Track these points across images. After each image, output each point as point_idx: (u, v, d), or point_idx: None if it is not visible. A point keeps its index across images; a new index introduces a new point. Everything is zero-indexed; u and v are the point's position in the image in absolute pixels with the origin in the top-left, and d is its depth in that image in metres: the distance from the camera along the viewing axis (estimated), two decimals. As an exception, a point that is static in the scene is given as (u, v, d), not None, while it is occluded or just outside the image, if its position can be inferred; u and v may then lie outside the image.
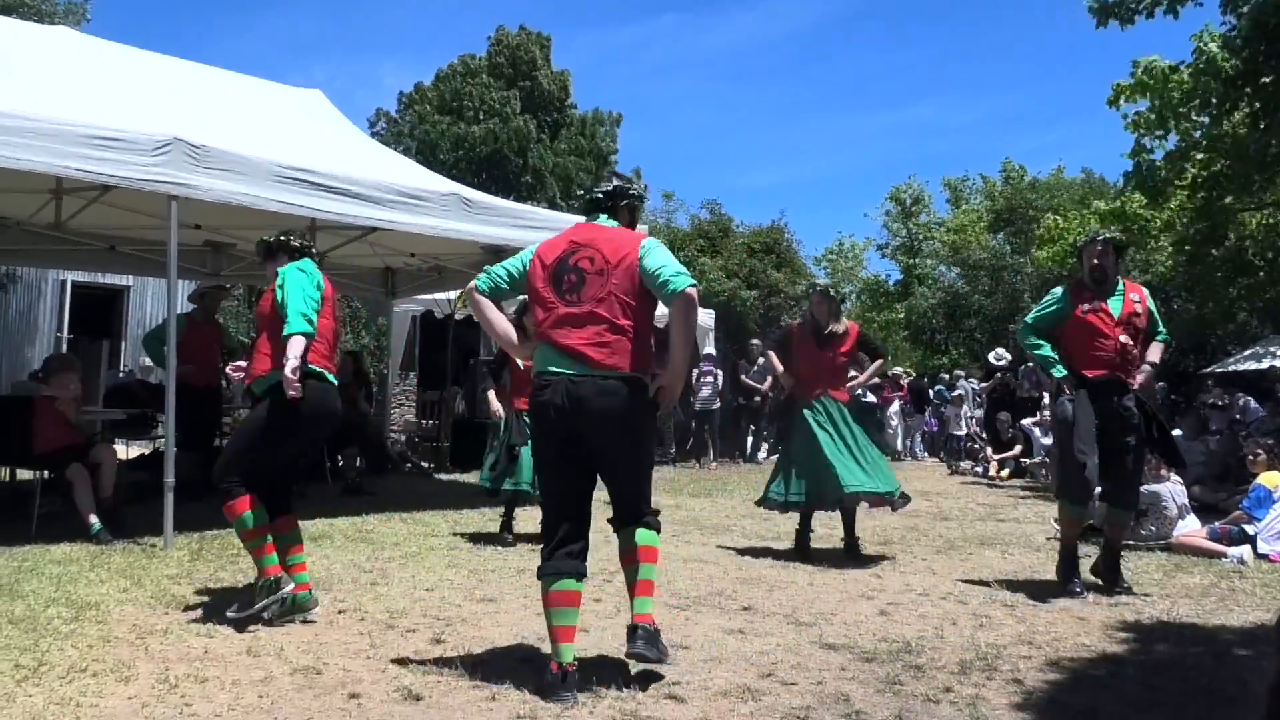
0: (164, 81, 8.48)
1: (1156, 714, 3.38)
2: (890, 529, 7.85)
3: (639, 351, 3.52)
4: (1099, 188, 26.68)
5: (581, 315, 3.51)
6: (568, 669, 3.37)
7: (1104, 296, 5.51)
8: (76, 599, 4.61)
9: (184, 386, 7.03)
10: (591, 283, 3.53)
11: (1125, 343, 5.42)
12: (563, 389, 3.48)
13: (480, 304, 3.75)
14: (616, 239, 3.62)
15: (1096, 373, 5.43)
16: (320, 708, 3.25)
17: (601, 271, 3.53)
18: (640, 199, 3.91)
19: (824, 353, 6.61)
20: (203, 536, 6.36)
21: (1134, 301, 5.53)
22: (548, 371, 3.54)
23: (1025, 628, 4.61)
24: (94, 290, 15.26)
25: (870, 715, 3.28)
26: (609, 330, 3.49)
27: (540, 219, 8.81)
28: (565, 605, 3.50)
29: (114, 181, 6.14)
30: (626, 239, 3.62)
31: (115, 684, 3.42)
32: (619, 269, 3.52)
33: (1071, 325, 5.56)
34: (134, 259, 9.91)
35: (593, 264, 3.55)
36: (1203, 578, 6.04)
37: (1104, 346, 5.43)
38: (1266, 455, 7.40)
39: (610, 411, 3.45)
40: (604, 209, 3.78)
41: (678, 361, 3.52)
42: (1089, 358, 5.46)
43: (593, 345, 3.48)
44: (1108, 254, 5.59)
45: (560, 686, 3.32)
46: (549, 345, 3.56)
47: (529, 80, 30.71)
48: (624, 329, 3.50)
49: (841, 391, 6.62)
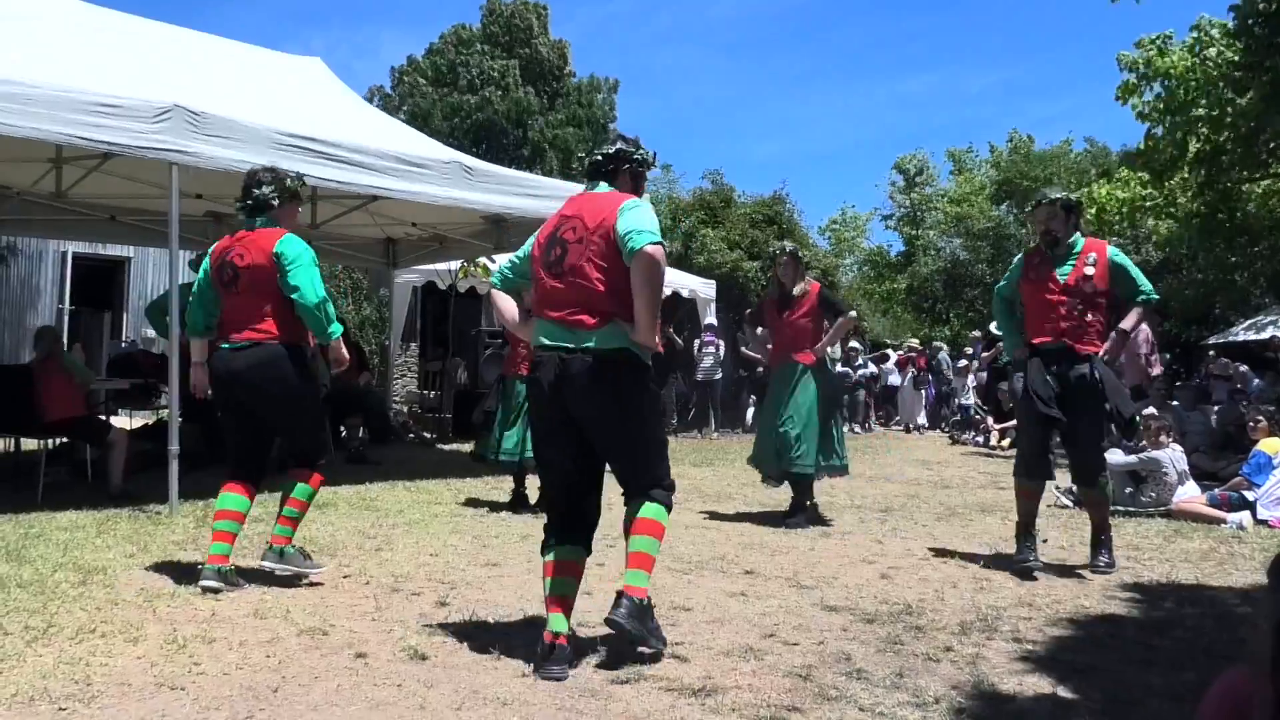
0: (163, 49, 8.43)
1: (1156, 672, 3.41)
2: (892, 496, 7.89)
3: (617, 309, 3.39)
4: (1101, 160, 26.54)
5: (563, 287, 3.46)
6: (558, 642, 3.27)
7: (1057, 262, 5.20)
8: (84, 564, 4.64)
9: (187, 356, 7.03)
10: (572, 252, 3.46)
11: (1074, 309, 5.10)
12: (554, 364, 3.43)
13: (494, 298, 3.79)
14: (600, 204, 3.51)
15: (1043, 340, 5.18)
16: (327, 667, 3.29)
17: (580, 239, 3.45)
18: (643, 163, 3.75)
19: (786, 315, 6.63)
20: (207, 504, 6.37)
21: (1087, 264, 5.13)
22: (541, 346, 3.51)
23: (1025, 590, 4.65)
24: (95, 262, 15.25)
25: (871, 674, 3.32)
26: (588, 298, 3.41)
27: (542, 187, 8.80)
28: (559, 575, 3.45)
29: (114, 149, 6.12)
30: (608, 202, 3.50)
31: (124, 644, 3.45)
32: (596, 234, 3.43)
33: (1022, 292, 5.36)
34: (134, 229, 9.90)
35: (574, 234, 3.48)
36: (1202, 542, 6.08)
37: (1049, 314, 5.17)
38: (1267, 422, 7.42)
39: (593, 383, 3.38)
40: (604, 174, 3.67)
41: (642, 324, 3.36)
42: (1036, 325, 5.24)
43: (575, 315, 3.42)
44: (1056, 217, 5.24)
45: (548, 659, 3.24)
46: (539, 320, 3.54)
47: (527, 48, 30.45)
48: (601, 295, 3.40)
49: (806, 354, 6.55)
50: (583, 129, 29.90)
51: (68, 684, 3.03)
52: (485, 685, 3.13)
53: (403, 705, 2.95)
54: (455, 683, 3.15)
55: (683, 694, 3.08)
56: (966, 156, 37.48)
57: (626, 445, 3.51)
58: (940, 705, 3.02)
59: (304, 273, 4.31)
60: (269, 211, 4.47)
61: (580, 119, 30.38)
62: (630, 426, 3.46)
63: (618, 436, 3.48)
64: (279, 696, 3.00)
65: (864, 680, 3.25)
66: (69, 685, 3.02)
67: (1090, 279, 5.10)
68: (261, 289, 4.35)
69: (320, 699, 2.98)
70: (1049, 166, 28.33)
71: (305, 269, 4.32)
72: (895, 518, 6.89)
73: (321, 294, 4.33)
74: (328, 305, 4.36)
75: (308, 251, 4.41)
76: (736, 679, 3.24)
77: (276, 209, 4.49)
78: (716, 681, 3.19)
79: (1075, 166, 27.79)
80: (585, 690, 3.10)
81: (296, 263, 4.31)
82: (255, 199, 4.46)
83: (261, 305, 4.36)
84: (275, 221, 4.47)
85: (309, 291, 4.29)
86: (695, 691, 3.09)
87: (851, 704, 3.02)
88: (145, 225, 9.66)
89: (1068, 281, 5.12)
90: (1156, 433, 7.41)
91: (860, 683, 3.22)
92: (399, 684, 3.13)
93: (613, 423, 3.44)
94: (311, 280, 4.31)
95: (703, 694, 3.07)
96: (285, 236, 4.39)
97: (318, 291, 4.31)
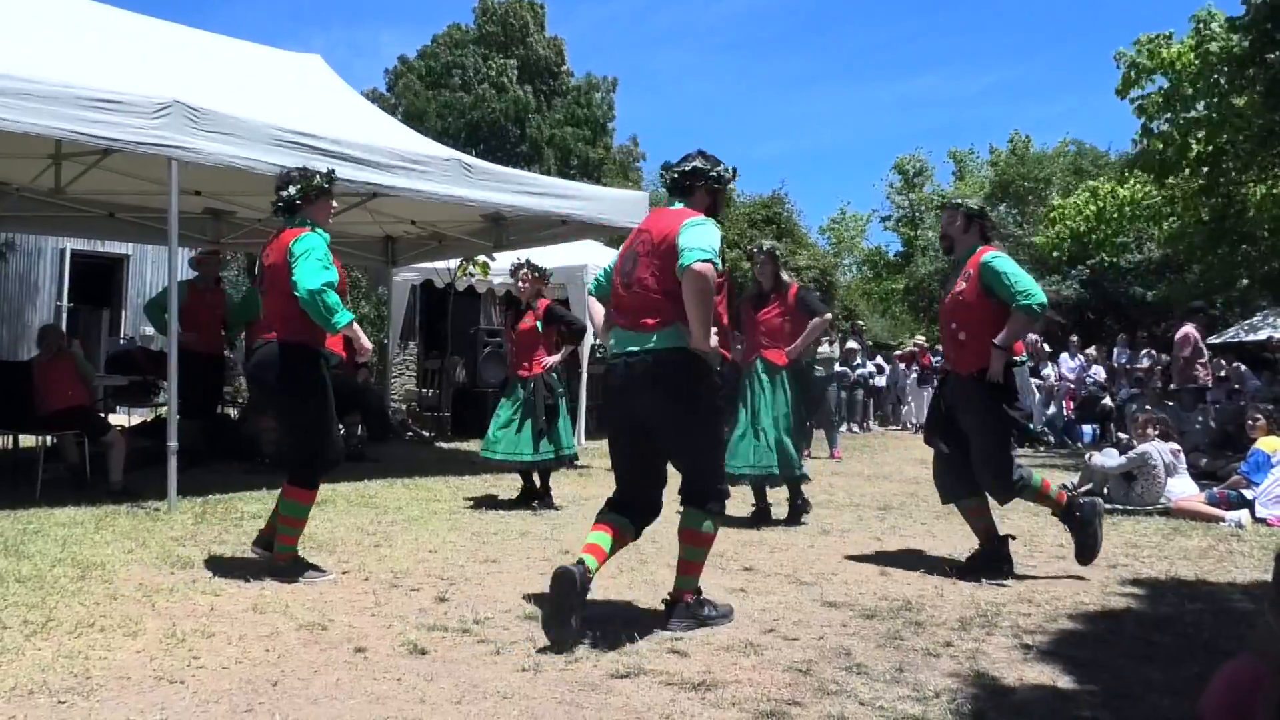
0: (162, 46, 8.42)
1: (1156, 666, 3.41)
2: (890, 495, 7.88)
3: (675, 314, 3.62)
4: (1090, 159, 26.55)
5: (629, 297, 3.76)
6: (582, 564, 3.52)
7: (953, 274, 4.97)
8: (82, 559, 4.63)
9: (187, 353, 7.04)
10: (640, 264, 3.73)
11: (949, 325, 4.88)
12: (621, 369, 3.74)
13: (589, 304, 4.20)
14: (669, 219, 3.75)
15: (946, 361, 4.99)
16: (327, 661, 3.28)
17: (649, 252, 3.72)
18: (720, 180, 3.91)
19: (760, 313, 6.56)
20: (206, 501, 6.40)
21: (964, 278, 4.79)
22: (613, 353, 3.85)
23: (1024, 587, 4.64)
24: (94, 259, 15.22)
25: (871, 668, 3.31)
26: (649, 304, 3.68)
27: (542, 185, 8.81)
28: (597, 529, 3.73)
29: (113, 144, 6.11)
30: (676, 219, 3.72)
31: (123, 638, 3.45)
32: (662, 247, 3.67)
33: None
34: (133, 226, 9.88)
35: (644, 247, 3.76)
36: (1201, 540, 6.08)
37: (944, 331, 4.99)
38: (1266, 420, 7.42)
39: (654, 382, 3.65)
40: (680, 190, 3.90)
41: (696, 334, 3.56)
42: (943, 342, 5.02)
43: (639, 321, 3.70)
44: (954, 222, 4.91)
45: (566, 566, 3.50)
46: (614, 328, 3.87)
47: (522, 46, 30.44)
48: (660, 301, 3.65)
49: (777, 353, 6.41)
50: (581, 128, 29.90)
51: (67, 677, 3.03)
52: (485, 679, 3.12)
53: (402, 699, 2.94)
54: (455, 677, 3.15)
55: (683, 688, 3.07)
56: (968, 158, 37.50)
57: (684, 444, 3.76)
58: (940, 699, 3.02)
59: (302, 264, 4.26)
60: (300, 211, 4.51)
61: (579, 118, 30.39)
62: (687, 423, 3.70)
63: (676, 434, 3.73)
64: (278, 690, 2.99)
65: (864, 675, 3.25)
66: (68, 678, 3.02)
67: (961, 293, 4.78)
68: (281, 287, 4.37)
69: (320, 692, 2.98)
70: (1046, 167, 28.35)
71: (305, 261, 4.27)
72: (894, 516, 6.89)
73: (315, 284, 4.21)
74: (325, 296, 4.22)
75: (319, 246, 4.37)
76: (736, 674, 3.23)
77: (306, 207, 4.52)
78: (716, 676, 3.19)
79: (1071, 167, 27.80)
80: (585, 684, 3.10)
81: (301, 257, 4.29)
82: (284, 200, 4.52)
83: (280, 304, 4.42)
84: (306, 220, 4.50)
85: (301, 282, 4.23)
86: (695, 686, 3.09)
87: (852, 698, 3.02)
88: (144, 222, 9.65)
89: (950, 295, 4.91)
90: (1143, 426, 7.42)
91: (860, 677, 3.22)
92: (399, 678, 3.13)
93: (671, 420, 3.70)
94: (308, 271, 4.24)
95: (703, 688, 3.07)
96: (302, 235, 4.39)
97: (312, 281, 4.21)
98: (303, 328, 4.38)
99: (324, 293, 4.23)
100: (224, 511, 6.08)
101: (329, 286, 4.25)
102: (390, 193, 7.67)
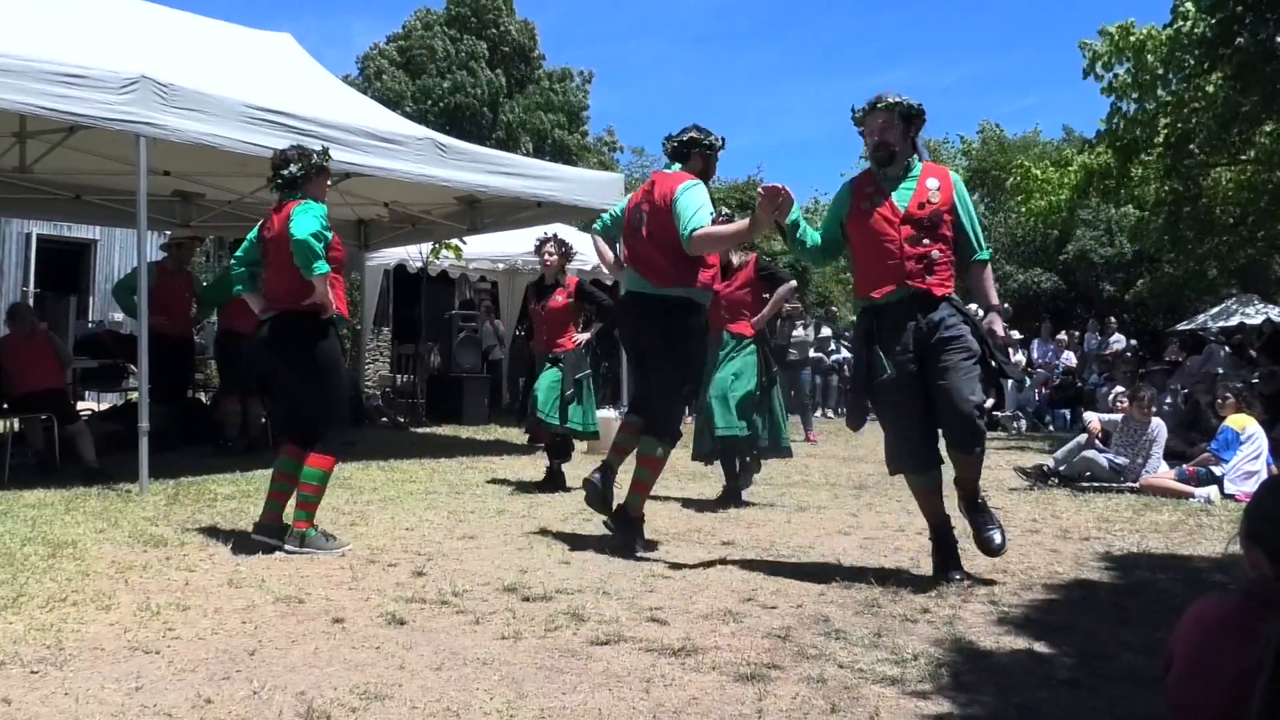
0: (130, 22, 8.29)
1: (1130, 629, 3.45)
2: (866, 475, 7.92)
3: (681, 274, 4.53)
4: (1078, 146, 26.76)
5: (641, 248, 4.64)
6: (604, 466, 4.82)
7: (890, 186, 4.13)
8: (53, 538, 4.57)
9: (156, 336, 6.95)
10: (648, 219, 4.60)
11: (919, 241, 4.02)
12: (629, 303, 4.69)
13: (595, 241, 5.10)
14: (669, 182, 4.57)
15: (884, 290, 4.06)
16: (304, 631, 3.26)
17: (653, 210, 4.57)
18: (712, 148, 4.75)
19: (723, 288, 6.25)
20: (178, 482, 6.33)
21: (930, 189, 4.08)
22: (626, 292, 4.72)
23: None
24: (61, 244, 14.99)
25: (849, 634, 3.33)
26: (656, 258, 4.55)
27: (517, 165, 8.75)
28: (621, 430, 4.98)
29: (80, 120, 6.02)
30: (674, 181, 4.55)
31: (96, 612, 3.40)
32: (662, 207, 4.51)
33: (850, 228, 4.22)
34: (101, 208, 9.71)
35: (649, 205, 4.60)
36: (1171, 515, 6.15)
37: (889, 254, 4.04)
38: (1235, 399, 7.52)
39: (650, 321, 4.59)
40: (679, 156, 4.72)
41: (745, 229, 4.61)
42: (875, 272, 4.12)
43: (647, 270, 4.59)
44: (892, 126, 4.09)
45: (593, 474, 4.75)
46: (627, 269, 4.74)
47: (495, 29, 30.25)
48: (664, 256, 4.52)
49: (742, 325, 6.34)
50: (557, 114, 29.77)
51: (39, 649, 2.98)
52: (465, 647, 3.11)
53: (381, 666, 2.93)
54: (434, 645, 3.13)
55: (663, 654, 3.07)
56: (942, 146, 37.58)
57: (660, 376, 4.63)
58: (918, 662, 3.04)
59: (300, 217, 4.39)
60: (300, 188, 4.60)
61: (554, 105, 30.26)
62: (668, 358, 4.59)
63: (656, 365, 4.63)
64: (256, 659, 2.97)
65: (842, 640, 3.26)
66: (40, 650, 2.98)
67: (935, 203, 4.06)
68: (285, 259, 4.44)
69: (298, 660, 2.96)
70: (1023, 153, 28.52)
71: (304, 215, 4.39)
72: (870, 494, 6.92)
73: (307, 233, 4.32)
74: (314, 243, 4.33)
75: (320, 209, 4.51)
76: (716, 640, 3.24)
77: (305, 184, 4.62)
78: (696, 642, 3.19)
79: (1045, 152, 27.95)
80: (566, 650, 3.09)
81: (300, 213, 4.40)
82: (284, 178, 4.61)
83: (284, 276, 4.49)
84: (305, 196, 4.57)
85: (295, 229, 4.33)
86: (675, 651, 3.09)
87: (830, 661, 3.03)
88: (112, 204, 9.49)
89: (909, 209, 4.05)
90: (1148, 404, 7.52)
91: (839, 642, 3.24)
92: (377, 646, 3.11)
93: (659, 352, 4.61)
94: (304, 222, 4.36)
95: (683, 654, 3.07)
96: (300, 205, 4.47)
97: (305, 230, 4.33)
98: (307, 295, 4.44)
99: (314, 241, 4.34)
100: (197, 493, 6.01)
101: (319, 239, 4.36)
102: (363, 172, 7.59)
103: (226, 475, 6.69)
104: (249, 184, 8.88)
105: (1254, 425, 7.25)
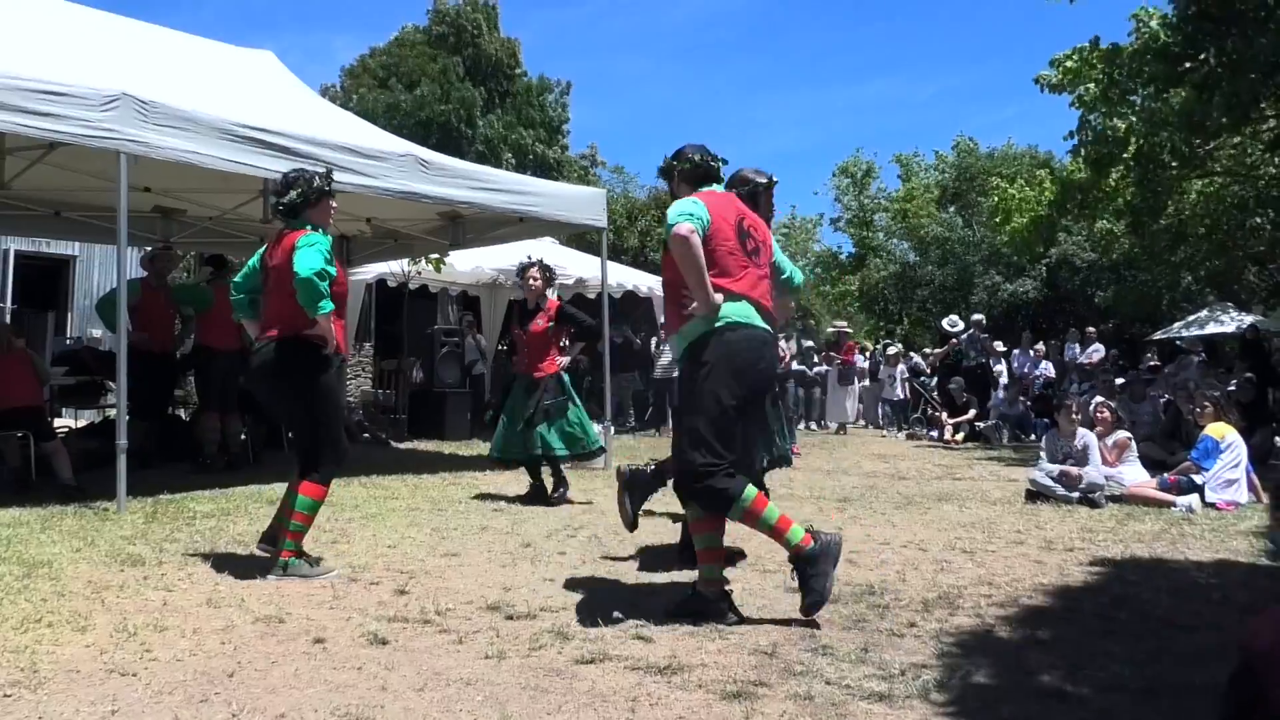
0: (111, 39, 8.24)
1: (1115, 640, 3.45)
2: (850, 488, 7.92)
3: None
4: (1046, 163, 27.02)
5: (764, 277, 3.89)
6: None
7: None
8: (28, 558, 4.50)
9: (138, 353, 6.89)
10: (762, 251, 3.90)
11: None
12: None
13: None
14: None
15: None
16: (284, 652, 3.21)
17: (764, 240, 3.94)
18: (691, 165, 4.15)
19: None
20: (156, 500, 6.25)
21: None
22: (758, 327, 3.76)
23: (984, 570, 4.68)
24: (40, 260, 14.88)
25: (837, 649, 3.31)
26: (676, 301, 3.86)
27: (499, 181, 8.72)
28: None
29: (60, 138, 5.96)
30: None
31: (72, 633, 3.35)
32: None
33: None
34: (80, 224, 9.64)
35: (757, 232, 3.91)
36: (1154, 525, 6.18)
37: None
38: (1213, 407, 7.56)
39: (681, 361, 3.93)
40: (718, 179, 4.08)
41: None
42: None
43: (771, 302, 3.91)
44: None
45: None
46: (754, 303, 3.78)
47: (473, 47, 30.31)
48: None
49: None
50: (536, 130, 29.80)
51: (13, 671, 2.93)
52: (448, 667, 3.08)
53: (363, 687, 2.89)
54: (417, 665, 3.10)
55: (649, 672, 3.05)
56: (914, 161, 37.79)
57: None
58: (906, 677, 3.03)
59: (304, 252, 4.30)
60: (303, 213, 4.51)
61: (534, 120, 30.29)
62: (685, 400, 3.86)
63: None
64: (235, 681, 2.92)
65: (830, 656, 3.25)
66: (14, 673, 2.92)
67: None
68: (285, 288, 4.36)
69: (279, 682, 2.91)
70: (997, 166, 28.78)
71: (307, 250, 4.31)
72: (855, 507, 6.92)
73: (311, 270, 4.24)
74: (317, 282, 4.25)
75: (323, 242, 4.41)
76: (703, 657, 3.21)
77: (308, 210, 4.52)
78: (682, 660, 3.17)
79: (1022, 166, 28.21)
80: (550, 670, 3.06)
81: (304, 247, 4.31)
82: (287, 204, 4.51)
83: (282, 303, 4.41)
84: (307, 222, 4.49)
85: (299, 266, 4.25)
86: (661, 670, 3.07)
87: (818, 678, 3.01)
88: (91, 220, 9.41)
89: None
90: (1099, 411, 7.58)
91: (826, 658, 3.22)
92: (359, 667, 3.07)
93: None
94: (308, 258, 4.28)
95: (669, 672, 3.05)
96: (307, 233, 4.40)
97: (309, 267, 4.25)
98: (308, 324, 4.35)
99: (317, 280, 4.25)
100: (175, 511, 5.94)
101: (324, 277, 4.27)
102: (345, 189, 7.52)
103: (205, 493, 6.63)
104: (230, 200, 8.84)
105: (1233, 434, 7.29)
